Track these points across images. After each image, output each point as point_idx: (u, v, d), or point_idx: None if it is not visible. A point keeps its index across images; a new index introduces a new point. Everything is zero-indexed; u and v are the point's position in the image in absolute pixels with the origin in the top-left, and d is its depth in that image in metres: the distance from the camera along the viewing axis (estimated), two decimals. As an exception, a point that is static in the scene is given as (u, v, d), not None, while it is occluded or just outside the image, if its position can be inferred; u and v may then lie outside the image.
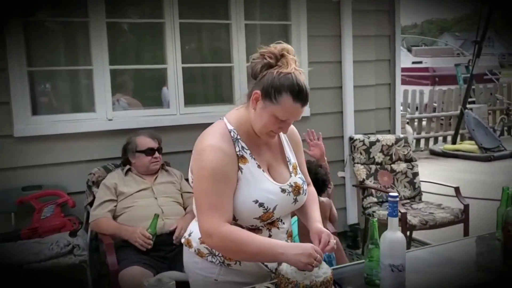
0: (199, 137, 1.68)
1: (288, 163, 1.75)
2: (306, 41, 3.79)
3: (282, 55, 1.59)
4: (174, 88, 3.45)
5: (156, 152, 2.96)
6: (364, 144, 3.88)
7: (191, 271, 1.73)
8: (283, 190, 1.66)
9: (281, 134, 1.74)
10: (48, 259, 2.68)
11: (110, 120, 3.25)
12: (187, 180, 3.09)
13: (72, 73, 3.34)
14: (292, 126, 1.74)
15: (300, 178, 1.74)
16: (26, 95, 3.06)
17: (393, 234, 1.50)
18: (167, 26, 3.38)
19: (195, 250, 1.70)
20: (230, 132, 1.64)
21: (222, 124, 1.67)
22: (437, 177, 4.86)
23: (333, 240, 1.63)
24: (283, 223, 1.72)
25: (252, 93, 1.60)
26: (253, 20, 3.73)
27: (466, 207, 3.55)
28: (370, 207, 3.69)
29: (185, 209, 2.94)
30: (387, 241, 1.49)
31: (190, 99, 3.55)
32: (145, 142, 2.95)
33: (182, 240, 1.78)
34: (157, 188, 2.90)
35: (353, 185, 3.90)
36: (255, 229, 1.64)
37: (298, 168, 1.77)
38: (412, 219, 3.38)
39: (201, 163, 1.59)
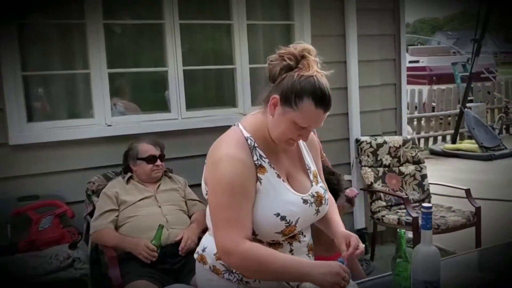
0: (213, 145, 1.56)
1: (308, 171, 1.63)
2: (310, 41, 3.67)
3: (303, 56, 1.46)
4: (175, 92, 3.32)
5: (158, 160, 2.83)
6: (371, 146, 3.77)
7: (206, 290, 1.60)
8: (305, 201, 1.54)
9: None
10: (48, 274, 2.54)
11: (109, 125, 3.12)
12: (191, 186, 3.01)
13: (68, 77, 3.20)
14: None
15: (321, 187, 1.62)
16: (21, 101, 2.92)
17: (427, 248, 1.38)
18: (167, 27, 3.25)
19: (210, 267, 1.58)
20: (246, 140, 1.52)
21: (238, 131, 1.55)
22: (439, 178, 4.77)
23: (362, 244, 1.53)
24: (304, 236, 1.60)
25: (270, 98, 1.47)
26: (255, 20, 3.62)
27: (478, 209, 3.45)
28: (379, 211, 3.58)
29: (190, 217, 2.82)
30: (421, 255, 1.38)
31: (192, 103, 3.43)
32: (147, 149, 2.82)
33: (195, 256, 1.66)
34: (160, 196, 2.77)
35: (360, 189, 3.79)
36: (275, 244, 1.52)
37: (318, 176, 1.65)
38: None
39: (217, 174, 1.46)
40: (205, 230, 2.76)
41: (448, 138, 9.12)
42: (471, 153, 8.02)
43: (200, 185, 3.17)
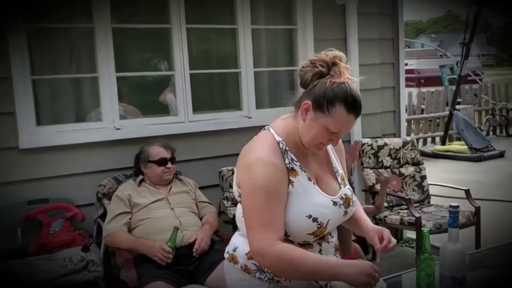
0: (245, 149, 1.60)
1: (336, 173, 1.68)
2: (313, 45, 3.75)
3: (334, 63, 1.51)
4: (182, 95, 3.36)
5: (169, 163, 2.86)
6: (372, 148, 3.85)
7: (236, 289, 1.65)
8: (334, 203, 1.59)
9: None
10: (61, 277, 2.55)
11: (117, 129, 3.14)
12: (200, 188, 3.05)
13: (77, 81, 3.21)
14: None
15: (349, 189, 1.68)
16: (31, 105, 2.93)
17: (454, 246, 1.45)
18: (173, 32, 3.28)
19: (241, 266, 1.62)
20: (278, 143, 1.56)
21: (269, 135, 1.59)
22: (431, 179, 4.88)
23: (394, 239, 1.60)
24: (332, 237, 1.66)
25: (302, 104, 1.52)
26: (259, 24, 3.67)
27: (478, 209, 3.54)
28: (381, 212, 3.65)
29: (200, 219, 2.86)
30: (449, 252, 1.45)
31: (198, 106, 3.47)
32: (158, 152, 2.85)
33: (226, 256, 1.70)
34: (172, 198, 2.80)
35: (362, 190, 3.86)
36: (306, 245, 1.57)
37: (345, 178, 1.71)
38: (426, 223, 3.36)
39: (251, 178, 1.50)
40: (216, 232, 2.84)
41: (437, 139, 9.29)
42: (460, 154, 8.18)
43: (208, 187, 3.25)
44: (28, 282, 2.49)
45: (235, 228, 3.02)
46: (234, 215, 3.06)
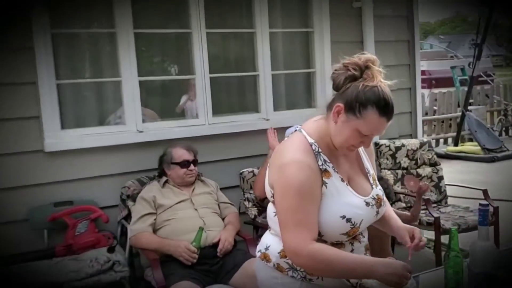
0: (278, 150, 1.63)
1: (368, 174, 1.71)
2: (329, 47, 3.79)
3: (367, 67, 1.54)
4: (202, 98, 3.41)
5: (192, 165, 2.91)
6: (390, 149, 3.88)
7: (269, 287, 1.68)
8: (367, 204, 1.62)
9: None
10: (89, 277, 2.60)
11: (140, 132, 3.20)
12: (221, 189, 3.10)
13: (100, 85, 3.28)
14: None
15: (380, 189, 1.71)
16: (56, 109, 2.99)
17: (485, 243, 1.48)
18: (194, 36, 3.34)
19: (274, 265, 1.65)
20: (311, 145, 1.59)
21: (302, 136, 1.62)
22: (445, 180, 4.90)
23: (424, 237, 1.64)
24: (363, 237, 1.69)
25: (334, 106, 1.55)
26: (277, 28, 3.72)
27: (496, 209, 3.55)
28: (399, 212, 3.68)
29: (222, 219, 2.90)
30: (479, 250, 1.48)
31: (217, 109, 3.52)
32: (181, 154, 2.91)
33: (258, 254, 1.73)
34: (196, 199, 2.85)
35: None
36: (338, 244, 1.60)
37: (376, 179, 1.74)
38: (445, 223, 3.38)
39: (286, 179, 1.53)
40: (238, 232, 2.88)
41: (450, 141, 9.26)
42: (473, 155, 8.15)
43: (228, 188, 3.29)
44: (57, 282, 2.54)
45: (256, 228, 3.10)
46: (255, 216, 3.11)
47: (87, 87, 3.27)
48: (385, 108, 1.51)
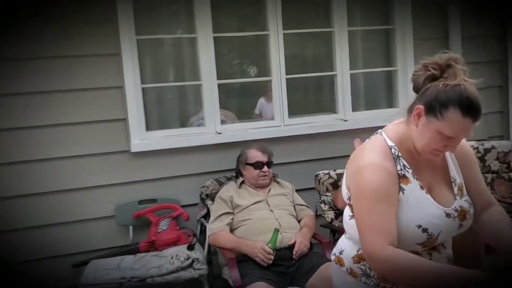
0: (356, 153, 1.59)
1: (453, 183, 1.59)
2: (412, 44, 3.63)
3: (449, 66, 1.45)
4: (278, 100, 3.42)
5: (265, 166, 2.93)
6: (478, 152, 3.63)
7: (343, 291, 1.65)
8: (447, 215, 1.52)
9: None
10: (170, 273, 2.71)
11: (219, 133, 3.27)
12: (296, 191, 3.09)
13: (181, 88, 3.41)
14: (462, 141, 1.56)
15: (466, 201, 1.58)
16: (141, 111, 3.15)
17: None
18: (271, 38, 3.36)
19: (347, 269, 1.62)
20: (390, 149, 1.53)
21: (381, 139, 1.56)
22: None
23: None
24: (445, 248, 1.59)
25: (414, 108, 1.48)
26: (355, 26, 3.63)
27: None
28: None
29: (298, 222, 2.89)
30: None
31: (293, 110, 3.51)
32: (255, 155, 2.94)
33: (332, 258, 1.71)
34: (271, 200, 2.87)
35: (466, 195, 3.65)
36: (414, 254, 1.52)
37: (464, 189, 1.61)
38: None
39: (362, 182, 1.48)
40: (314, 235, 2.85)
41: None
42: None
43: (303, 190, 3.27)
44: (139, 277, 2.68)
45: (332, 232, 3.05)
46: (331, 219, 3.06)
47: (170, 90, 3.41)
48: (469, 107, 1.41)
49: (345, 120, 3.56)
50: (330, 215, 3.10)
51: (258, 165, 2.92)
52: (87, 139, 3.01)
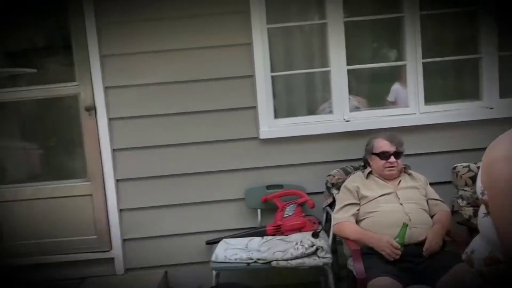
0: (491, 146, 1.43)
1: None
2: None
3: None
4: (413, 86, 3.22)
5: (392, 157, 2.77)
6: None
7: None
8: None
9: None
10: (294, 258, 2.74)
11: (347, 121, 3.20)
12: (430, 184, 2.88)
13: (309, 75, 3.40)
14: None
15: None
16: (270, 99, 3.22)
17: None
18: (406, 20, 3.16)
19: (476, 271, 1.47)
20: None
21: None
22: None
23: None
24: None
25: None
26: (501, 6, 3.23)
27: None
28: None
29: (431, 217, 2.70)
30: None
31: (429, 97, 3.27)
32: (382, 145, 2.80)
33: (463, 257, 1.57)
34: (401, 193, 2.72)
35: None
36: None
37: None
38: None
39: (494, 176, 1.35)
40: (448, 232, 2.65)
41: None
42: None
43: (438, 183, 3.04)
44: (265, 259, 2.76)
45: (469, 230, 2.79)
46: (469, 216, 2.81)
47: (298, 78, 3.42)
48: None
49: (490, 108, 3.21)
50: (468, 211, 2.85)
51: (384, 155, 2.79)
52: (219, 125, 3.17)
